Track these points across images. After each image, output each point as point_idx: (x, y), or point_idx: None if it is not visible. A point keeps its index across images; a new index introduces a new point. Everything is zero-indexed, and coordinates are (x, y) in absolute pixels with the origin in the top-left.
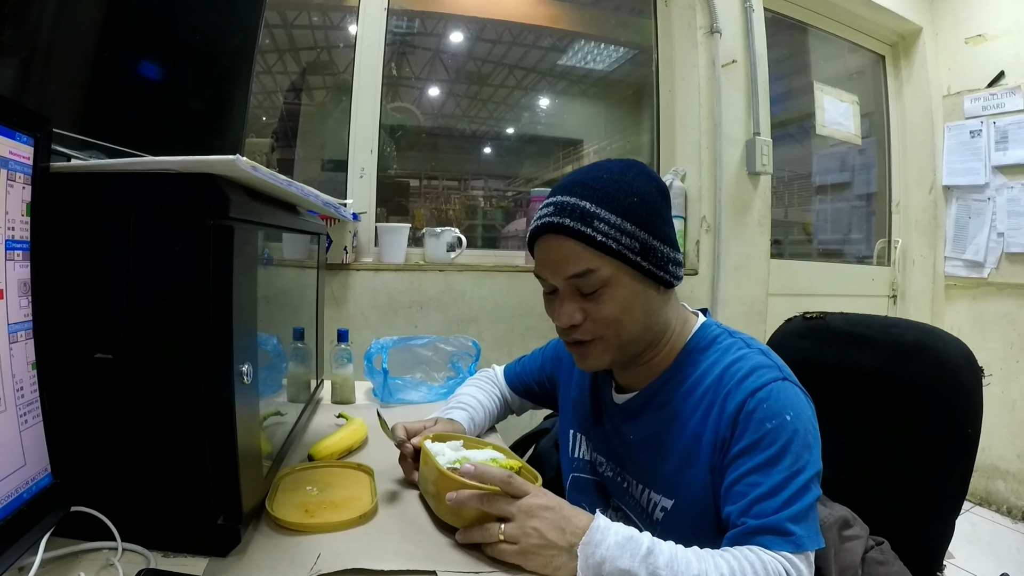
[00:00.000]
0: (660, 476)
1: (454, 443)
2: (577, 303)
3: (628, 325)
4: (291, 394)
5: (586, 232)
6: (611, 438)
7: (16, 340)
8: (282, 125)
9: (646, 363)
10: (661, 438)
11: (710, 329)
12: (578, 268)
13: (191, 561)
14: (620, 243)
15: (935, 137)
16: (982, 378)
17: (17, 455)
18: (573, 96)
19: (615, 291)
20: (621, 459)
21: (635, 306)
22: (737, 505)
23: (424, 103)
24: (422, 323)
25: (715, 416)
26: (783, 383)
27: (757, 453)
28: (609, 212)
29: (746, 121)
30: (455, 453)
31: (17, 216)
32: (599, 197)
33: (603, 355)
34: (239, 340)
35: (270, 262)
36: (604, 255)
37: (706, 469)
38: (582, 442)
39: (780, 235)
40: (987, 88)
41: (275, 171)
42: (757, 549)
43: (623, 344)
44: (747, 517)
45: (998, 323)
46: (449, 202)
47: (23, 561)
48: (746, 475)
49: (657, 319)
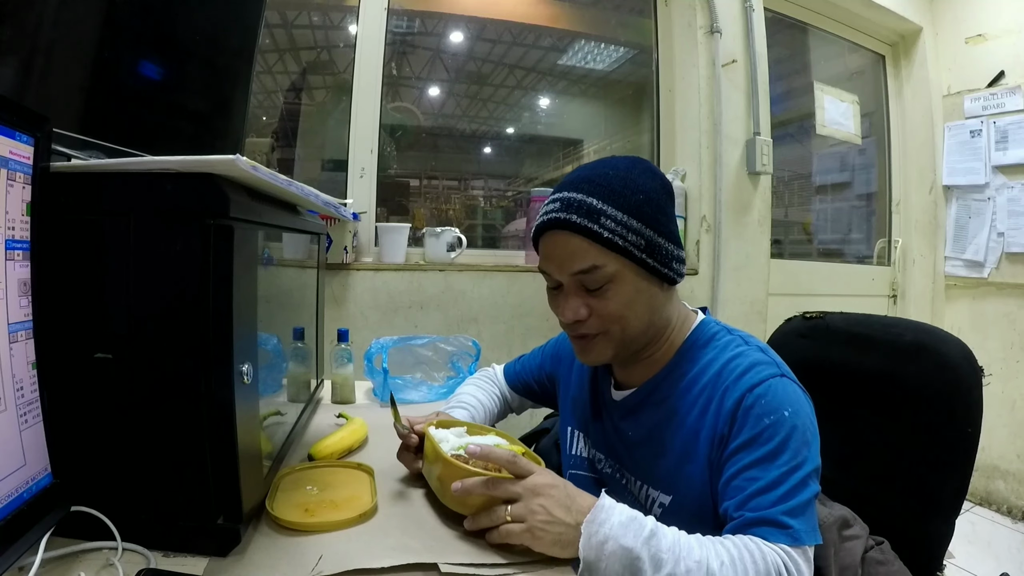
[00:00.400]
0: (658, 472)
1: (457, 429)
2: (582, 298)
3: (632, 321)
4: (291, 394)
5: (593, 228)
6: (610, 435)
7: (16, 340)
8: (282, 125)
9: (647, 358)
10: (659, 434)
11: (709, 326)
12: (584, 264)
13: (191, 561)
14: (626, 240)
15: (935, 137)
16: (982, 378)
17: (17, 455)
18: (573, 96)
19: (620, 287)
20: (620, 456)
21: (639, 302)
22: (735, 499)
23: (424, 103)
24: (422, 323)
25: (713, 412)
26: (781, 379)
27: (755, 448)
28: (616, 209)
29: (746, 121)
30: (459, 439)
31: (17, 216)
32: (606, 194)
33: (606, 350)
34: (239, 340)
35: (270, 262)
36: (610, 252)
37: (704, 465)
38: (581, 439)
39: (780, 235)
40: (987, 88)
41: (275, 171)
42: (757, 540)
43: (626, 339)
44: (744, 510)
45: (998, 323)
46: (449, 202)
47: (23, 561)
48: (744, 470)
49: (660, 315)
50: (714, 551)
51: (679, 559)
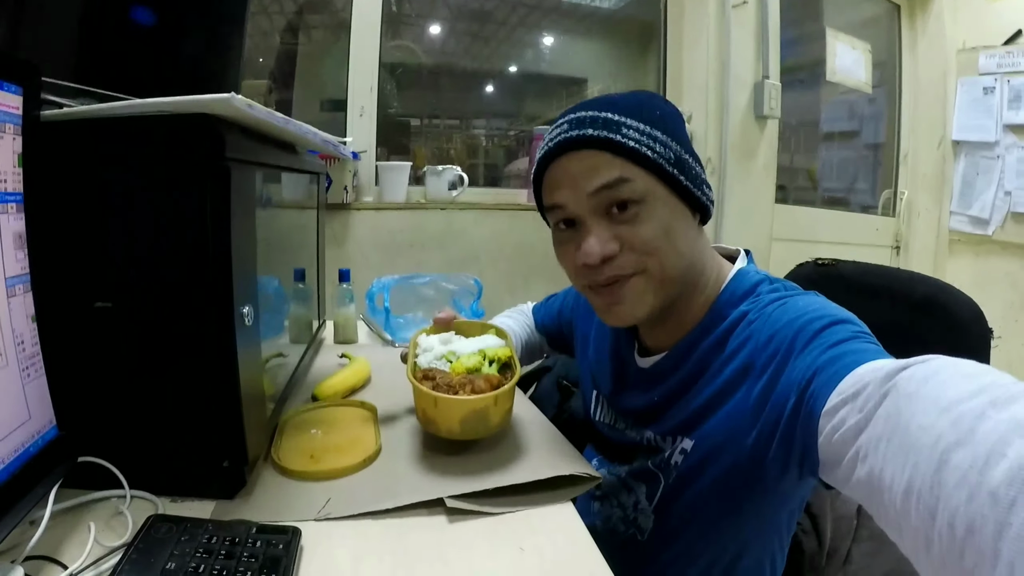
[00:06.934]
0: (681, 422)
1: (446, 335)
2: (609, 230)
3: (670, 255)
4: (293, 335)
5: (615, 139)
6: (636, 402)
7: (14, 294)
8: (279, 66)
9: (679, 313)
10: (687, 390)
11: (748, 276)
12: (609, 177)
13: (199, 505)
14: (654, 151)
15: (947, 91)
16: (991, 338)
17: (22, 410)
18: (578, 34)
19: (653, 209)
20: (646, 419)
21: (677, 230)
22: (799, 376)
23: (425, 41)
24: (424, 262)
25: (743, 338)
26: (815, 295)
27: (824, 339)
28: (637, 121)
29: (755, 64)
30: (443, 347)
31: (9, 168)
32: (621, 109)
33: (644, 295)
34: (239, 282)
35: (269, 203)
36: (637, 166)
37: (739, 393)
38: (605, 405)
39: (785, 181)
40: (1003, 46)
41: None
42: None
43: (665, 279)
44: (814, 366)
45: (1000, 282)
46: (451, 141)
47: (34, 514)
48: (825, 350)
49: (697, 255)
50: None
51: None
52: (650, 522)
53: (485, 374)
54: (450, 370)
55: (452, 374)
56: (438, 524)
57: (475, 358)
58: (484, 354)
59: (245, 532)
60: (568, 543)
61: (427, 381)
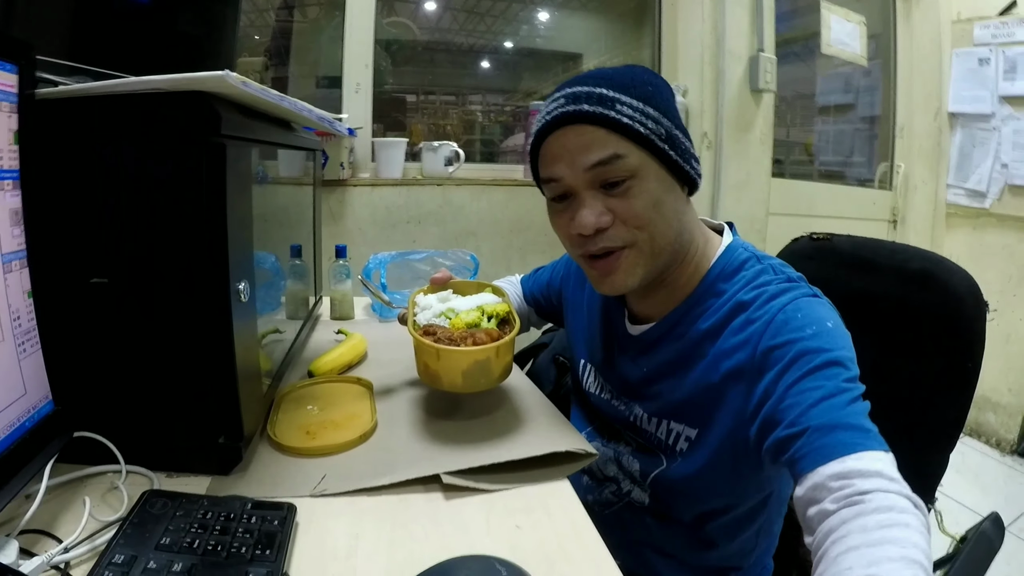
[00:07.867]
0: (679, 406)
1: (444, 293)
2: (602, 202)
3: (660, 226)
4: (290, 311)
5: (610, 116)
6: (623, 371)
7: (10, 270)
8: (275, 43)
9: (670, 284)
10: (678, 367)
11: (736, 252)
12: (603, 153)
13: (195, 480)
14: (647, 127)
15: (942, 63)
16: (986, 312)
17: (17, 384)
18: (573, 9)
19: (644, 184)
20: (633, 392)
21: (666, 203)
22: (791, 415)
23: (420, 17)
24: (420, 238)
25: (742, 338)
26: (815, 298)
27: (804, 362)
28: (630, 97)
29: (750, 37)
30: (442, 304)
31: (4, 145)
32: (615, 85)
33: (635, 267)
34: (235, 258)
35: (265, 179)
36: (630, 141)
37: (735, 394)
38: (592, 374)
39: (782, 155)
40: (998, 16)
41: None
42: (878, 509)
43: (656, 251)
44: (809, 420)
45: (998, 254)
46: (447, 117)
47: (29, 489)
48: (797, 382)
49: (686, 226)
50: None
51: None
52: (646, 496)
53: (485, 328)
54: (449, 326)
55: (452, 329)
56: (434, 500)
57: (474, 313)
58: (482, 310)
59: (240, 508)
60: (565, 521)
61: (428, 336)
